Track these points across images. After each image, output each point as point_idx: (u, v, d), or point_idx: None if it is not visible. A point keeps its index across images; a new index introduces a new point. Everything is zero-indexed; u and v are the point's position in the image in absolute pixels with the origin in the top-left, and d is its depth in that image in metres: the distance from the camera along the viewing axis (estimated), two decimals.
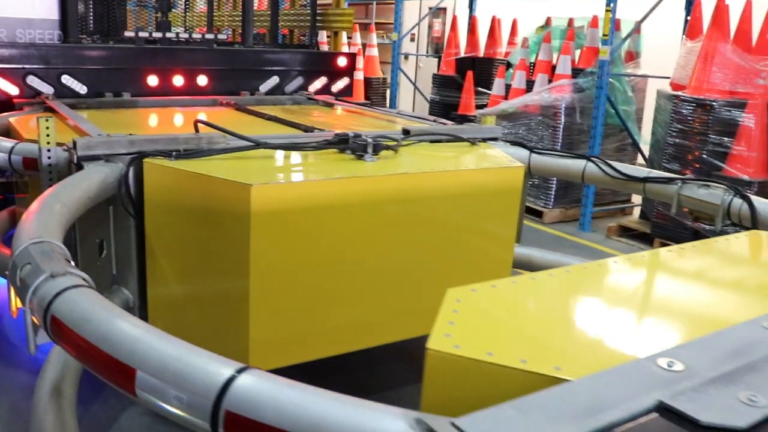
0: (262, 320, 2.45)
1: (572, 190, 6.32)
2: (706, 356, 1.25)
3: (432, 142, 3.33)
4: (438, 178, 2.78)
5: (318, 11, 5.49)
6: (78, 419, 2.75)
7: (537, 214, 6.37)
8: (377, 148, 2.82)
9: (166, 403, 1.18)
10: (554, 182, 6.22)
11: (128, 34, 4.61)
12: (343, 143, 2.83)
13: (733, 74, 5.22)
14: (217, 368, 1.16)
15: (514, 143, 3.59)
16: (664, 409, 1.05)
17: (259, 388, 1.12)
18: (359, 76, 9.28)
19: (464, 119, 7.23)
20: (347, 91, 5.21)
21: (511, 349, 1.23)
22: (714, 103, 5.22)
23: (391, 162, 2.82)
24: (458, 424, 0.96)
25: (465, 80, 7.38)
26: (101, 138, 2.70)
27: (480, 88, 7.44)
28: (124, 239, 2.70)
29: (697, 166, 5.40)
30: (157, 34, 4.66)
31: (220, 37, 4.89)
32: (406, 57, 13.10)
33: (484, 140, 3.50)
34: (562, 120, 6.11)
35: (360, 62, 9.34)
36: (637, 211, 6.60)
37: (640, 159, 6.62)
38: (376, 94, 9.69)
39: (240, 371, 1.15)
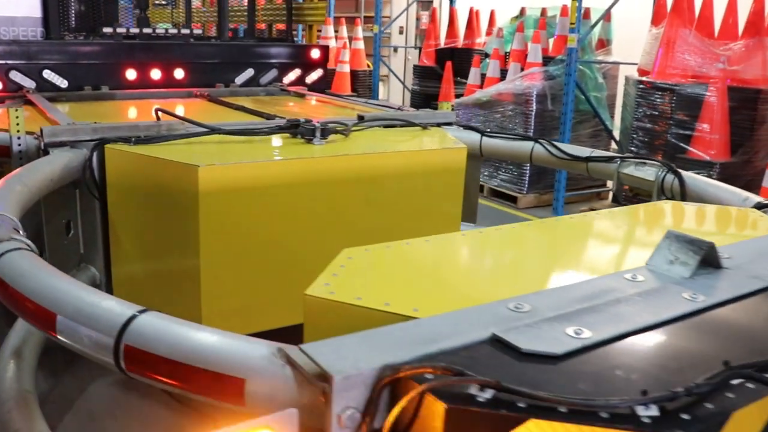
0: (213, 295, 2.64)
1: (546, 176, 6.50)
2: (557, 300, 1.42)
3: (386, 127, 3.52)
4: (381, 159, 2.96)
5: (293, 5, 5.67)
6: (49, 389, 2.96)
7: (512, 200, 6.55)
8: (326, 133, 3.00)
9: (79, 342, 1.37)
10: (528, 168, 6.40)
11: (107, 30, 4.80)
12: (293, 128, 3.02)
13: (694, 59, 5.39)
14: (122, 310, 1.35)
15: (467, 127, 3.77)
16: (495, 340, 1.23)
17: (154, 326, 1.32)
18: (345, 68, 9.44)
19: None
20: (321, 81, 5.39)
21: (378, 295, 1.41)
22: (675, 88, 5.38)
23: (339, 145, 3.00)
24: (304, 349, 1.14)
25: (444, 71, 7.56)
26: (67, 126, 2.89)
27: (459, 78, 7.62)
28: (90, 220, 2.89)
29: (663, 149, 5.57)
30: (135, 30, 4.86)
31: (197, 32, 5.09)
32: (395, 50, 13.27)
33: (439, 125, 3.68)
34: (534, 107, 6.28)
35: (346, 55, 9.51)
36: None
37: (613, 145, 6.78)
38: (362, 86, 9.85)
39: (141, 312, 1.34)
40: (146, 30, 4.91)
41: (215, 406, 1.27)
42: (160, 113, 3.06)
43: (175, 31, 5.00)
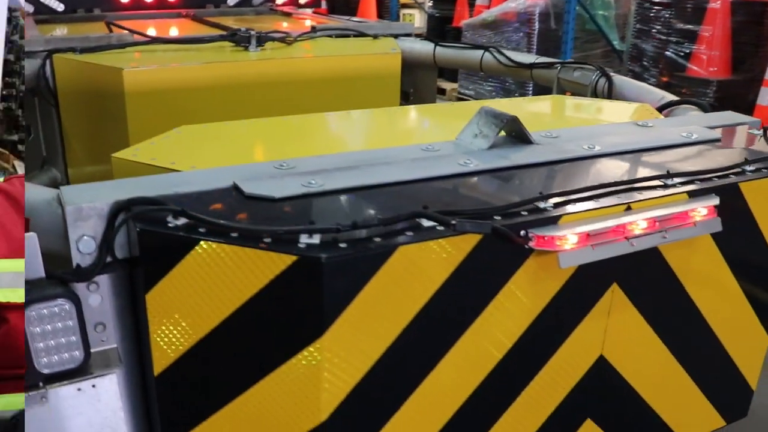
0: None
1: None
2: (328, 162, 1.54)
3: (338, 37, 3.63)
4: (313, 63, 3.10)
5: None
6: None
7: None
8: (262, 40, 3.15)
9: None
10: None
11: None
12: (232, 37, 3.18)
13: None
14: None
15: (423, 38, 3.84)
16: (234, 188, 1.40)
17: None
18: None
19: (457, 31, 7.41)
20: (316, 2, 5.48)
21: (171, 157, 1.60)
22: (675, 1, 5.20)
23: (273, 52, 3.15)
24: (63, 190, 1.34)
25: None
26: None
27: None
28: (50, 125, 3.16)
29: (663, 67, 5.43)
30: None
31: None
32: None
33: (396, 36, 3.77)
34: (537, 26, 6.18)
35: None
36: None
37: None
38: (388, 11, 9.79)
39: None
40: None
41: None
42: (110, 26, 3.27)
43: None
